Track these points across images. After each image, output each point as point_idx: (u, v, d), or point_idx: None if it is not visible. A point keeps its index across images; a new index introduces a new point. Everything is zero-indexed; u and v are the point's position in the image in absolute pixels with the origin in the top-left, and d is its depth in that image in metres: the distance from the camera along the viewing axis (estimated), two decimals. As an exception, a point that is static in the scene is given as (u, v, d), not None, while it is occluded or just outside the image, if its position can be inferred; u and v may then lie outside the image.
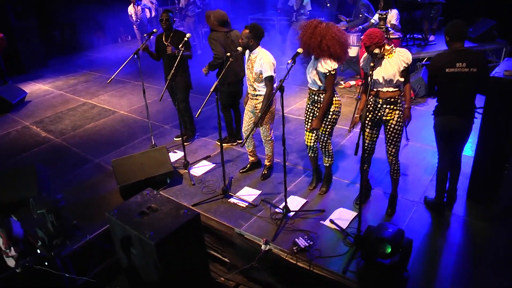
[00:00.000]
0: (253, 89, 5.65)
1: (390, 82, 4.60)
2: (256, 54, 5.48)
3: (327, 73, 4.90)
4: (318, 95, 5.08)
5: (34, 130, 8.70)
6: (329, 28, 4.80)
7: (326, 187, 5.70)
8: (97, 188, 6.31)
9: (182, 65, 6.83)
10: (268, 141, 5.90)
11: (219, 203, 5.66)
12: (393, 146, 4.88)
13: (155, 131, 7.75)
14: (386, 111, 4.74)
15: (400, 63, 4.55)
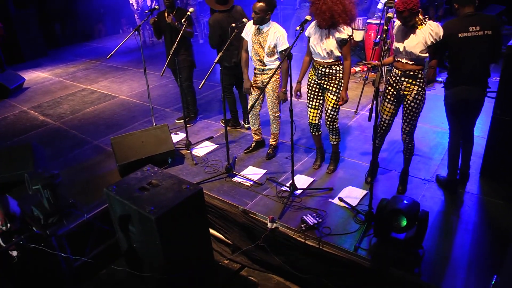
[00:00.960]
0: (261, 64, 5.41)
1: (410, 54, 4.31)
2: (269, 27, 5.23)
3: (347, 39, 4.71)
4: (330, 68, 4.85)
5: (32, 114, 8.47)
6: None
7: (334, 165, 5.48)
8: (96, 168, 6.10)
9: (185, 43, 6.60)
10: (277, 118, 5.68)
11: (222, 182, 5.45)
12: (408, 124, 4.64)
13: (156, 114, 7.53)
14: (404, 84, 4.47)
15: (427, 37, 4.21)
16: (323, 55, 4.82)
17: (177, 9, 6.69)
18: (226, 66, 6.18)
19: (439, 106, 7.19)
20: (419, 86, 4.44)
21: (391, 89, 4.62)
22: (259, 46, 5.31)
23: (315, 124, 5.26)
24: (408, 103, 4.52)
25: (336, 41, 4.71)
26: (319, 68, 4.92)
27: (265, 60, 5.35)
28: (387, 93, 4.67)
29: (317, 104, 5.14)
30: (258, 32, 5.30)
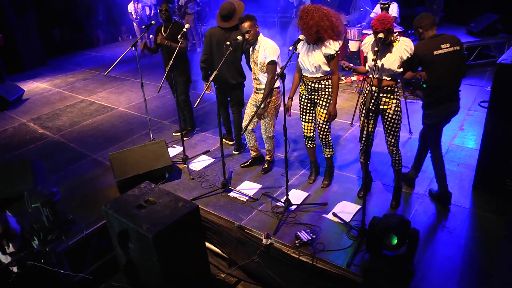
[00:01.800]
0: (258, 83, 5.50)
1: (388, 71, 4.46)
2: (260, 43, 5.33)
3: (334, 54, 4.80)
4: (319, 82, 4.94)
5: (31, 127, 8.56)
6: (329, 9, 4.77)
7: (328, 180, 5.56)
8: (94, 183, 6.18)
9: (182, 57, 6.67)
10: (270, 138, 5.75)
11: (218, 197, 5.53)
12: (392, 136, 4.75)
13: (153, 126, 7.66)
14: (383, 100, 4.61)
15: (403, 53, 4.40)
16: (312, 70, 4.92)
17: (173, 23, 6.76)
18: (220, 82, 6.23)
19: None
20: (397, 99, 4.62)
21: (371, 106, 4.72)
22: (254, 65, 5.41)
23: (310, 137, 5.37)
24: (390, 116, 4.66)
25: (324, 56, 4.80)
26: (309, 83, 5.02)
27: (260, 78, 5.44)
28: (364, 110, 4.79)
29: (310, 118, 5.24)
30: (253, 51, 5.40)
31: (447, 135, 6.62)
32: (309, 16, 4.62)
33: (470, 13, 11.05)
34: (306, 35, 4.71)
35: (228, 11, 5.95)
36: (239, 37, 5.23)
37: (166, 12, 6.66)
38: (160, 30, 6.82)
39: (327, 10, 4.69)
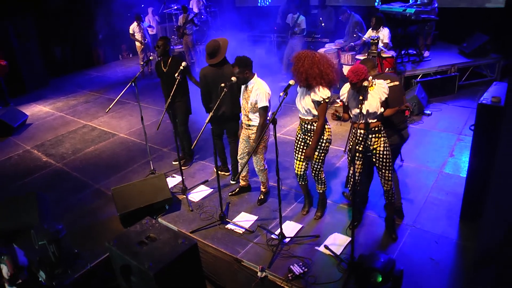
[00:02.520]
0: (247, 119, 5.77)
1: (373, 114, 4.75)
2: (253, 84, 5.61)
3: (321, 101, 5.03)
4: (311, 124, 5.19)
5: (35, 154, 8.84)
6: (323, 56, 5.02)
7: (321, 212, 5.81)
8: (98, 214, 6.44)
9: (181, 90, 6.94)
10: (262, 170, 6.02)
11: (216, 229, 5.78)
12: (386, 171, 4.99)
13: (154, 155, 7.91)
14: (372, 140, 4.89)
15: (381, 95, 4.71)
16: (303, 112, 5.19)
17: (172, 57, 7.04)
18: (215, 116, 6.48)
19: (425, 142, 7.60)
20: (384, 137, 4.94)
21: (358, 147, 4.99)
22: (246, 102, 5.69)
23: (301, 175, 5.61)
24: (381, 153, 4.93)
25: (312, 101, 5.07)
26: (303, 124, 5.28)
27: (250, 116, 5.72)
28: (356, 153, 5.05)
29: (303, 157, 5.48)
30: (246, 89, 5.67)
31: (437, 161, 6.91)
32: (300, 63, 4.91)
33: (463, 32, 11.33)
34: (297, 81, 4.99)
35: (212, 49, 6.27)
36: (234, 78, 5.49)
37: (162, 47, 6.96)
38: (160, 64, 7.09)
39: (318, 57, 4.93)
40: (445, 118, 8.65)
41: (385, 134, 4.93)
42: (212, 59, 6.32)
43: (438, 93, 9.86)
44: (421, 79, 9.93)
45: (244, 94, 5.74)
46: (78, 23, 16.63)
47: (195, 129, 7.65)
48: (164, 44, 6.97)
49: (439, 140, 7.71)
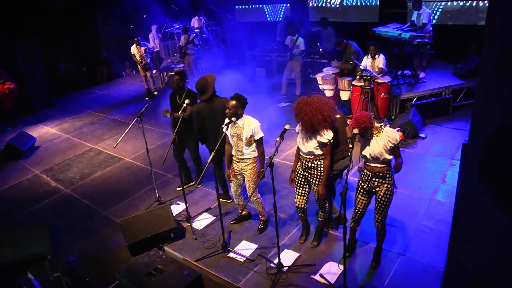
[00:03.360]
0: (240, 154, 6.11)
1: (377, 159, 5.06)
2: (243, 120, 5.99)
3: (327, 142, 5.37)
4: (312, 162, 5.53)
5: (44, 179, 9.21)
6: (321, 99, 5.30)
7: (317, 241, 6.16)
8: (107, 243, 6.80)
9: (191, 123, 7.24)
10: (255, 201, 6.40)
11: (219, 258, 6.12)
12: (379, 215, 5.35)
13: (158, 181, 8.27)
14: (375, 183, 5.21)
15: (387, 143, 4.95)
16: (306, 152, 5.52)
17: (187, 91, 7.41)
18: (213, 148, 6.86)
19: (420, 167, 7.94)
20: (388, 184, 5.18)
21: (364, 184, 5.33)
22: (238, 139, 6.05)
23: (301, 208, 5.96)
24: (380, 197, 5.25)
25: (318, 143, 5.41)
26: (304, 161, 5.62)
27: (243, 150, 6.08)
28: (360, 188, 5.37)
29: (304, 192, 5.83)
30: (234, 125, 6.03)
31: (429, 188, 7.23)
32: (303, 112, 5.22)
33: (459, 50, 11.71)
34: (304, 129, 5.33)
35: (200, 86, 6.74)
36: (234, 118, 5.87)
37: (176, 82, 7.38)
38: (175, 96, 7.46)
39: (318, 103, 5.21)
40: (439, 142, 8.97)
41: (390, 181, 5.19)
42: (202, 96, 6.78)
43: (433, 115, 10.20)
44: (416, 101, 10.24)
45: (233, 131, 6.08)
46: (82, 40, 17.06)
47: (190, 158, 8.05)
48: (178, 79, 7.38)
49: (432, 165, 8.03)
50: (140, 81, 16.22)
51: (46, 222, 6.84)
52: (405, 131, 9.19)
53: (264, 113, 8.44)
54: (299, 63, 12.06)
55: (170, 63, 16.06)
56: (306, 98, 5.34)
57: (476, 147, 3.12)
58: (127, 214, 7.37)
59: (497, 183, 2.98)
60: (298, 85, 12.32)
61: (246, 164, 6.15)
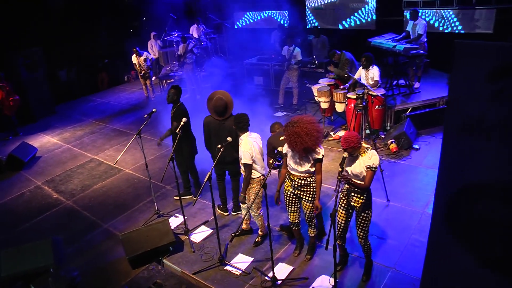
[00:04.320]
0: (242, 170, 6.39)
1: (357, 176, 5.30)
2: (241, 141, 6.30)
3: (321, 158, 5.61)
4: (306, 179, 5.74)
5: (46, 190, 9.43)
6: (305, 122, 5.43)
7: (310, 254, 6.38)
8: (107, 256, 7.02)
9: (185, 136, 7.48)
10: (257, 217, 6.64)
11: (216, 271, 6.34)
12: (360, 230, 5.59)
13: (158, 193, 8.49)
14: (354, 198, 5.45)
15: (366, 163, 5.20)
16: (301, 171, 5.71)
17: (178, 106, 7.63)
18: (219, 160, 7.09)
19: (413, 179, 8.16)
20: (365, 200, 5.42)
21: (344, 198, 5.57)
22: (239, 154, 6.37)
23: (296, 223, 6.18)
24: (359, 212, 5.50)
25: (312, 160, 5.61)
26: (295, 180, 5.82)
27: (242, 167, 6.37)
28: (341, 202, 5.61)
29: (295, 209, 6.05)
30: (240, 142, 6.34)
31: (421, 201, 7.44)
32: (294, 143, 5.38)
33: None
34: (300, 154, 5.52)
35: (222, 108, 6.97)
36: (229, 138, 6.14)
37: (171, 95, 7.57)
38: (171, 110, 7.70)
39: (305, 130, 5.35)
40: (432, 153, 9.17)
41: (366, 198, 5.42)
42: (221, 117, 7.04)
43: (427, 125, 10.38)
44: (410, 112, 10.44)
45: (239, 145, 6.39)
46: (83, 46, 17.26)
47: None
48: (173, 93, 7.60)
49: (425, 177, 8.23)
50: (140, 88, 16.46)
51: (49, 235, 7.10)
52: (399, 143, 9.40)
53: (260, 123, 8.64)
54: (296, 73, 12.25)
55: (169, 71, 16.29)
56: (293, 121, 5.50)
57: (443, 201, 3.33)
58: (127, 226, 7.61)
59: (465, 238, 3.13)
60: (295, 95, 12.52)
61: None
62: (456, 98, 2.73)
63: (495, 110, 2.50)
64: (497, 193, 2.67)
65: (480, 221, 2.82)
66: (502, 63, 2.41)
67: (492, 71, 2.46)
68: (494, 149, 2.56)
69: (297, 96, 12.52)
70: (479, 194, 2.77)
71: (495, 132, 2.51)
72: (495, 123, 2.48)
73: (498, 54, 2.47)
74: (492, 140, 2.53)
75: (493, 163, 2.61)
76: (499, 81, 2.44)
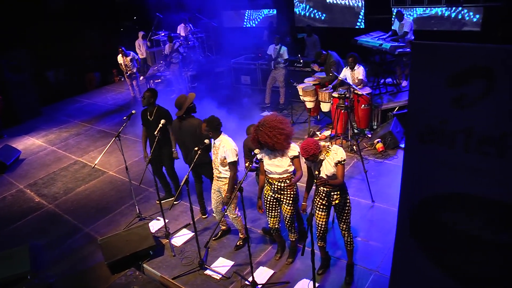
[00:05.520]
0: (218, 172, 6.30)
1: (333, 177, 5.22)
2: (220, 142, 6.16)
3: (298, 154, 5.54)
4: (285, 181, 5.65)
5: (28, 194, 9.30)
6: (271, 120, 5.42)
7: (292, 258, 6.28)
8: (87, 261, 6.89)
9: (164, 139, 7.41)
10: (235, 218, 6.51)
11: (196, 275, 6.23)
12: (344, 223, 5.54)
13: (140, 196, 8.38)
14: (335, 197, 5.39)
15: (336, 159, 5.16)
16: (279, 172, 5.63)
17: (157, 108, 7.50)
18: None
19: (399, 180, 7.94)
20: (346, 194, 5.45)
21: (322, 201, 5.47)
22: (215, 157, 6.26)
23: (276, 228, 6.08)
24: (341, 207, 5.46)
25: (289, 157, 5.54)
26: (274, 183, 5.73)
27: (219, 169, 6.26)
28: (320, 205, 5.53)
29: (275, 214, 5.95)
30: (213, 145, 6.24)
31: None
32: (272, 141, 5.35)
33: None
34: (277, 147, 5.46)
35: (178, 102, 7.00)
36: (206, 140, 6.01)
37: (146, 98, 7.45)
38: (146, 113, 7.55)
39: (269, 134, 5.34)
40: (417, 152, 9.06)
41: (345, 191, 5.42)
42: (178, 111, 7.03)
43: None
44: (398, 111, 10.34)
45: (213, 149, 6.29)
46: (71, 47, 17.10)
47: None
48: (149, 96, 7.48)
49: (410, 177, 8.13)
50: (127, 89, 16.31)
51: (29, 240, 7.01)
52: (385, 142, 9.31)
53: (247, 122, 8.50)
54: (283, 72, 12.14)
55: (156, 70, 16.14)
56: (256, 125, 5.53)
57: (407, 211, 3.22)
58: (109, 230, 7.50)
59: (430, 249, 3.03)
60: (282, 94, 12.41)
61: (224, 184, 6.29)
62: (416, 104, 2.61)
63: (457, 116, 2.38)
64: (461, 204, 2.56)
65: (444, 233, 2.71)
66: (462, 66, 2.30)
67: (452, 74, 2.34)
68: (458, 158, 2.44)
69: (284, 95, 12.40)
70: (443, 205, 2.66)
71: (459, 139, 2.38)
72: (458, 130, 2.37)
73: (458, 56, 2.34)
74: (456, 148, 2.41)
75: (456, 173, 2.49)
76: (460, 86, 2.32)
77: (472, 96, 2.27)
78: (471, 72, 2.26)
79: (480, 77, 2.23)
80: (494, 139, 2.22)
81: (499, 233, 2.39)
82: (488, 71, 2.18)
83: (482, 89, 2.24)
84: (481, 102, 2.25)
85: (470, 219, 2.51)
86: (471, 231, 2.52)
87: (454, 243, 2.70)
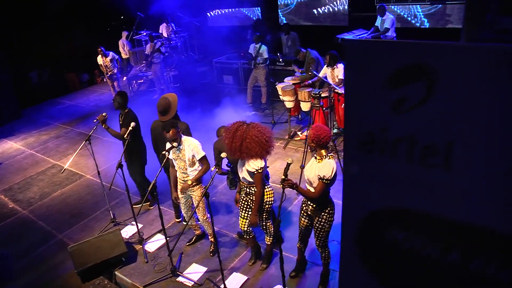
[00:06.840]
0: (186, 176, 6.15)
1: (310, 184, 5.05)
2: (183, 143, 6.02)
3: (255, 172, 5.33)
4: (250, 188, 5.53)
5: (2, 200, 9.11)
6: (249, 130, 5.27)
7: (266, 263, 6.16)
8: (58, 269, 6.74)
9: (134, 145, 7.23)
10: (205, 220, 6.38)
11: (168, 282, 6.11)
12: (317, 239, 5.36)
13: (116, 200, 8.25)
14: (310, 207, 5.21)
15: (319, 172, 4.89)
16: (241, 178, 5.55)
17: (127, 112, 7.32)
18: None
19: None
20: (320, 209, 5.17)
21: (305, 207, 5.31)
22: (181, 161, 6.07)
23: (245, 230, 5.93)
24: (318, 223, 5.24)
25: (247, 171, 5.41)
26: (243, 187, 5.62)
27: (188, 172, 6.12)
28: (302, 210, 5.37)
29: (246, 215, 5.80)
30: (177, 150, 6.02)
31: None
32: (228, 137, 5.28)
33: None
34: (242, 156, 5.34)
35: (162, 107, 6.72)
36: (175, 144, 5.84)
37: (117, 102, 7.28)
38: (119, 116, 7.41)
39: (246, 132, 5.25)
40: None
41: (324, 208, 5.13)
42: (163, 116, 6.71)
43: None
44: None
45: (175, 155, 6.10)
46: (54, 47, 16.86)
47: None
48: (119, 99, 7.29)
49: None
50: (109, 90, 16.10)
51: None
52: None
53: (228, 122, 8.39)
54: (264, 71, 12.00)
55: (138, 71, 15.96)
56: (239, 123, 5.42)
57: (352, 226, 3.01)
58: (83, 236, 7.35)
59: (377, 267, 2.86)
60: (263, 93, 12.28)
61: (192, 186, 6.14)
62: (354, 108, 2.43)
63: (398, 123, 2.22)
64: (407, 221, 2.40)
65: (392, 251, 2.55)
66: (401, 66, 2.13)
67: (390, 76, 2.17)
68: (401, 171, 2.28)
69: (266, 95, 12.26)
70: (388, 222, 2.50)
71: (401, 149, 2.23)
72: (399, 138, 2.21)
73: (397, 55, 2.17)
74: (399, 159, 2.26)
75: (401, 186, 2.34)
76: (399, 88, 2.16)
77: (413, 100, 2.09)
78: (411, 72, 2.08)
79: (421, 78, 2.06)
80: (438, 149, 2.07)
81: (448, 253, 2.24)
82: (429, 71, 2.02)
83: (423, 92, 2.06)
84: (423, 107, 2.09)
85: (418, 237, 2.35)
86: (420, 251, 2.36)
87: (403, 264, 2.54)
